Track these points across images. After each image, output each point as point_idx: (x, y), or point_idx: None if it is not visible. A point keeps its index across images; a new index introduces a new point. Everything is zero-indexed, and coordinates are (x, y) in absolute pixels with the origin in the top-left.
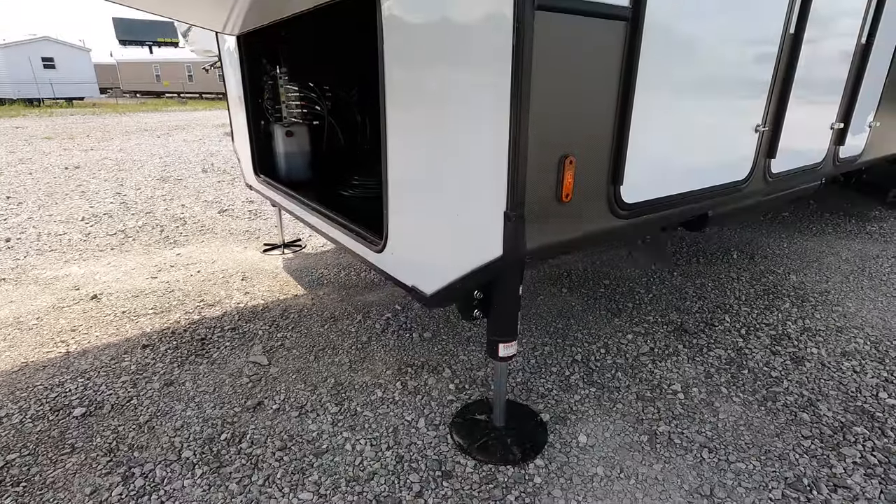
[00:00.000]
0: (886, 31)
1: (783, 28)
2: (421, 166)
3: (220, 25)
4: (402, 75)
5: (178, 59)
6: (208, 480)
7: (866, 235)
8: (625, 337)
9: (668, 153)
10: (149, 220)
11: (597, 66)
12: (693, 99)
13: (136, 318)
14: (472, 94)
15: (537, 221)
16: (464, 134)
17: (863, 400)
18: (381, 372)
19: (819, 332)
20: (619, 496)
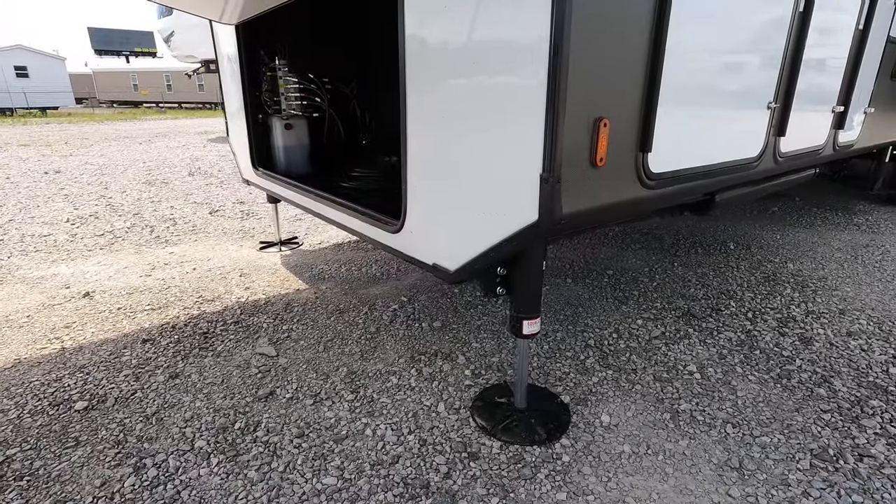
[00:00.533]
0: (879, 22)
1: (794, 5)
2: (447, 138)
3: (216, 13)
4: (425, 40)
5: (156, 69)
6: (226, 469)
7: (854, 227)
8: (634, 322)
9: (690, 124)
10: (137, 220)
11: (630, 25)
12: (714, 70)
13: (132, 314)
14: (507, 52)
15: (572, 186)
16: (496, 96)
17: (874, 376)
18: (393, 360)
19: (823, 315)
20: (648, 471)
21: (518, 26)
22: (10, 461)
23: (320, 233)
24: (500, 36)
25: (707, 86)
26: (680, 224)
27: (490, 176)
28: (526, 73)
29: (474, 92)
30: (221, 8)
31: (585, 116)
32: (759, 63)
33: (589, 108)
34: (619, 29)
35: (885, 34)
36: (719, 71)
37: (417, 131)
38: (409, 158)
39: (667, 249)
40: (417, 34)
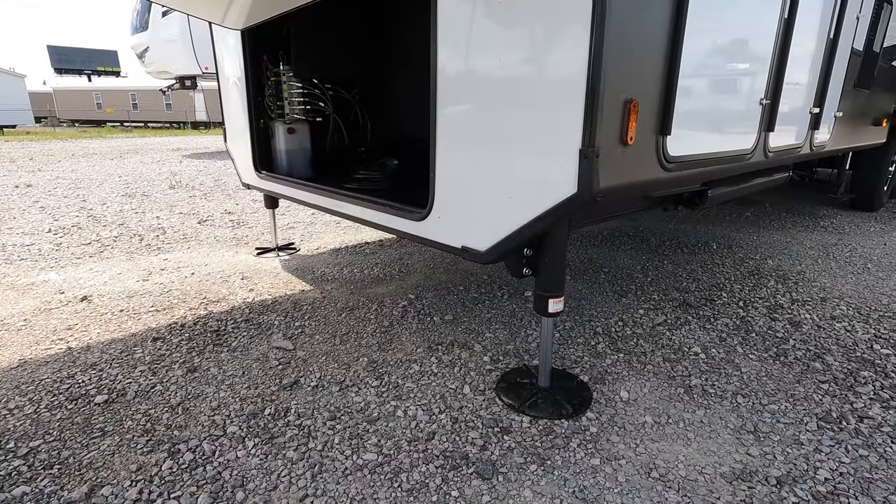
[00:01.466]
0: (846, 33)
1: (780, 11)
2: (483, 123)
3: (219, 17)
4: (458, 25)
5: (121, 87)
6: (263, 451)
7: (822, 229)
8: (636, 312)
9: (699, 114)
10: (124, 230)
11: (653, 13)
12: (718, 67)
13: (136, 315)
14: (549, 31)
15: (607, 161)
16: (537, 75)
17: (861, 351)
18: (412, 350)
19: (807, 302)
20: (671, 438)
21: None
22: (36, 452)
23: (316, 239)
24: (545, 27)
25: (713, 80)
26: (664, 227)
27: (528, 155)
28: (566, 52)
29: (515, 77)
30: (224, 11)
31: (619, 97)
32: (753, 62)
33: (621, 89)
34: (645, 14)
35: (850, 45)
36: (722, 67)
37: (449, 120)
38: (439, 147)
39: (654, 249)
40: (449, 28)
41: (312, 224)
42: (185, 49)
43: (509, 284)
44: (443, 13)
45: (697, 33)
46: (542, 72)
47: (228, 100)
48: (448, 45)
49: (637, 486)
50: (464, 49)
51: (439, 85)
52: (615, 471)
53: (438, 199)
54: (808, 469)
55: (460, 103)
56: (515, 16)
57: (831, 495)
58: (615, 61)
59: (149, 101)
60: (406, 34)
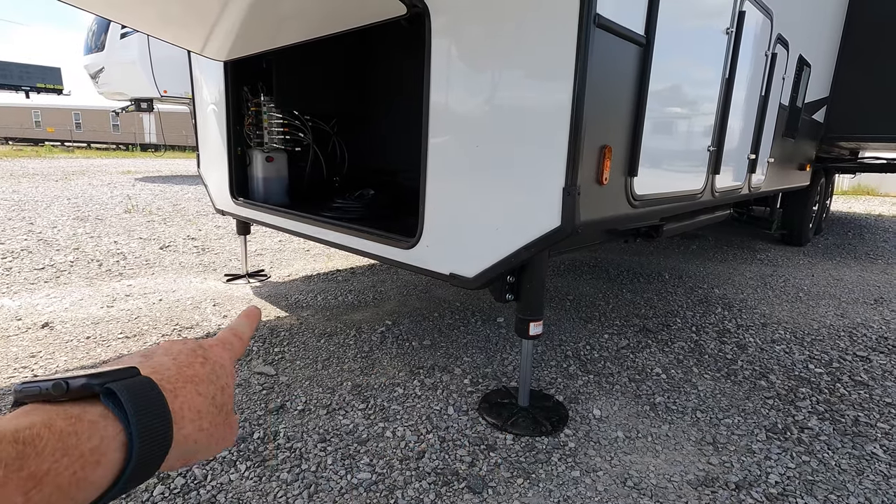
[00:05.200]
0: (775, 90)
1: (722, 71)
2: (472, 158)
3: (198, 46)
4: (453, 72)
5: (64, 106)
6: (256, 473)
7: (759, 261)
8: (602, 336)
9: (659, 159)
10: (80, 255)
11: (623, 74)
12: (674, 118)
13: (105, 342)
14: (538, 84)
15: (586, 199)
16: (526, 122)
17: (798, 370)
18: (394, 374)
19: (750, 328)
20: (642, 451)
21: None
22: None
23: (286, 266)
24: (535, 81)
25: (670, 130)
26: (620, 258)
27: (515, 191)
28: (555, 107)
29: (505, 121)
30: (203, 41)
31: (596, 143)
32: (702, 114)
33: (598, 136)
34: (617, 75)
35: (778, 100)
36: (677, 119)
37: (440, 157)
38: (429, 180)
39: (613, 279)
40: (442, 78)
41: (281, 251)
42: (144, 72)
43: (482, 311)
44: (436, 58)
45: (658, 89)
46: (531, 119)
47: (205, 126)
48: (441, 88)
49: (615, 494)
50: (456, 92)
51: (431, 122)
52: (594, 482)
53: (427, 228)
54: (761, 474)
55: (451, 142)
56: (505, 68)
57: (781, 496)
58: (593, 112)
59: (94, 121)
60: (385, 71)
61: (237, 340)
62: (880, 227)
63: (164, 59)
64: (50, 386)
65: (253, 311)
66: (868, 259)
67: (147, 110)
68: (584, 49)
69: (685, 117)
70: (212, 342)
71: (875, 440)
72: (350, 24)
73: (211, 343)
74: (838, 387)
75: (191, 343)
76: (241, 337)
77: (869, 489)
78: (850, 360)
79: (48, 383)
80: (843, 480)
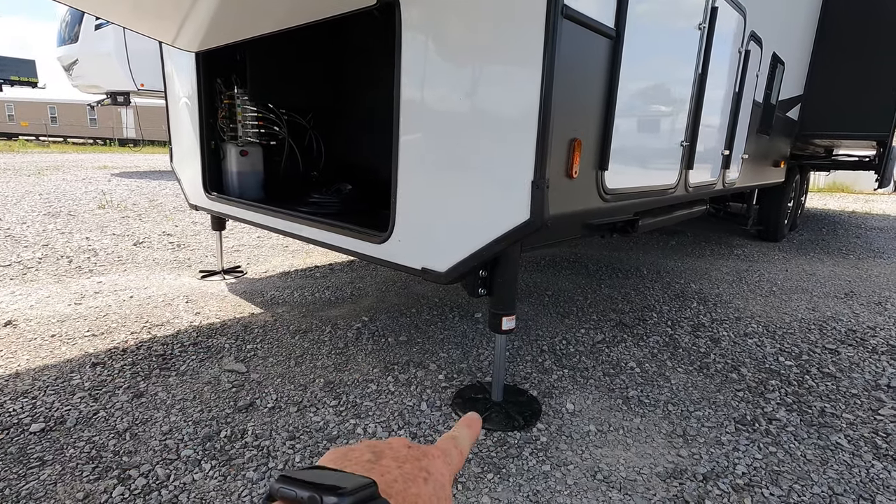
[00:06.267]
0: (748, 87)
1: (695, 67)
2: (442, 152)
3: (170, 37)
4: (423, 66)
5: (39, 100)
6: (221, 472)
7: (735, 257)
8: (578, 331)
9: (631, 153)
10: (49, 252)
11: (592, 67)
12: (649, 110)
13: (70, 340)
14: (506, 78)
15: (555, 192)
16: (495, 115)
17: (769, 363)
18: (368, 370)
19: (724, 322)
20: (613, 444)
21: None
22: None
23: (263, 262)
24: (502, 74)
25: (642, 124)
26: (600, 254)
27: (485, 186)
28: (523, 100)
29: (475, 115)
30: (175, 32)
31: (565, 136)
32: (674, 109)
33: (567, 130)
34: (586, 67)
35: (752, 97)
36: (649, 113)
37: (411, 151)
38: (401, 175)
39: (592, 274)
40: (413, 71)
41: (259, 247)
42: (120, 64)
43: (460, 307)
44: (406, 52)
45: (629, 84)
46: (499, 112)
47: (177, 120)
48: (411, 83)
49: (584, 487)
50: (426, 85)
51: (402, 116)
52: (564, 475)
53: (399, 223)
54: (729, 465)
55: (422, 136)
56: (475, 61)
57: (748, 486)
58: (562, 105)
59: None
60: (362, 65)
61: (457, 454)
62: (853, 223)
63: (141, 51)
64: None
65: (474, 420)
66: (840, 254)
67: (124, 104)
68: (552, 41)
69: (657, 112)
70: (434, 451)
71: (840, 430)
72: (321, 14)
73: (434, 453)
74: (807, 379)
75: (415, 450)
76: (460, 450)
77: (832, 478)
78: (819, 352)
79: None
80: (808, 470)
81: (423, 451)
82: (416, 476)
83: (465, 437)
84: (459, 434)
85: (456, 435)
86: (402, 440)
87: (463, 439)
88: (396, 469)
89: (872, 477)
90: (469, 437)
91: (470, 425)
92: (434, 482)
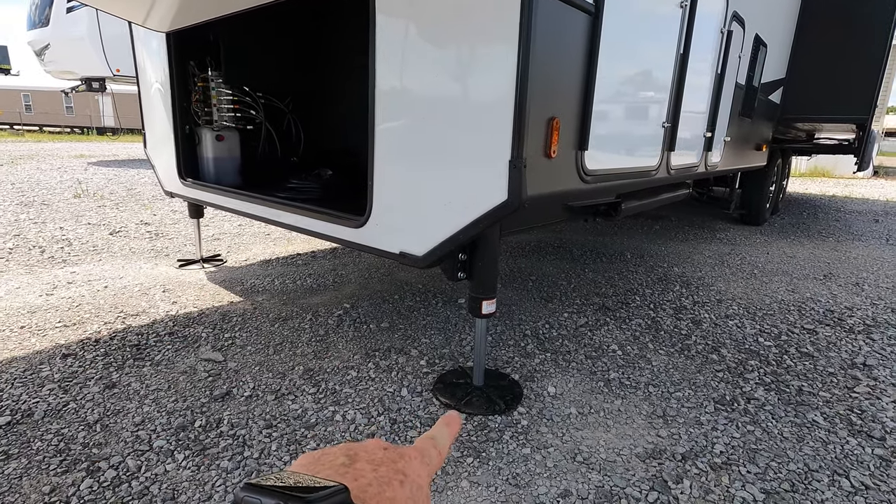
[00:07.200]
0: (731, 69)
1: (677, 47)
2: (418, 133)
3: (140, 17)
4: (398, 47)
5: (12, 87)
6: (195, 462)
7: (718, 240)
8: (561, 315)
9: (612, 134)
10: (21, 241)
11: (570, 44)
12: (629, 89)
13: (41, 331)
14: (481, 54)
15: (533, 172)
16: (470, 93)
17: (749, 344)
18: (349, 357)
19: (706, 304)
20: (593, 426)
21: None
22: None
23: (244, 250)
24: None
25: (622, 103)
26: (584, 238)
27: (462, 166)
28: (499, 77)
29: (449, 94)
30: (146, 11)
31: (543, 114)
32: (655, 89)
33: (545, 108)
34: (565, 45)
35: (734, 79)
36: (630, 93)
37: (387, 131)
38: (377, 156)
39: (577, 259)
40: (388, 49)
41: (240, 235)
42: (94, 49)
43: (443, 293)
44: (381, 32)
45: (608, 61)
46: (475, 90)
47: (150, 105)
48: (386, 61)
49: (564, 469)
50: (401, 66)
51: (378, 97)
52: (544, 458)
53: (376, 206)
54: (707, 445)
55: (398, 115)
56: (449, 39)
57: (725, 465)
58: (540, 83)
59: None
60: (342, 49)
61: (436, 454)
62: (833, 206)
63: (116, 35)
64: None
65: (454, 418)
66: (820, 237)
67: (99, 90)
68: (528, 15)
69: (638, 92)
70: (411, 452)
71: (816, 408)
72: None
73: (411, 454)
74: (785, 358)
75: (391, 452)
76: (439, 450)
77: (808, 455)
78: (797, 332)
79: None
80: (784, 448)
81: (400, 452)
82: (391, 479)
83: (444, 437)
84: (438, 434)
85: (435, 435)
86: (379, 442)
87: (442, 438)
88: (371, 472)
89: (847, 453)
90: (448, 435)
91: (449, 423)
92: (411, 484)
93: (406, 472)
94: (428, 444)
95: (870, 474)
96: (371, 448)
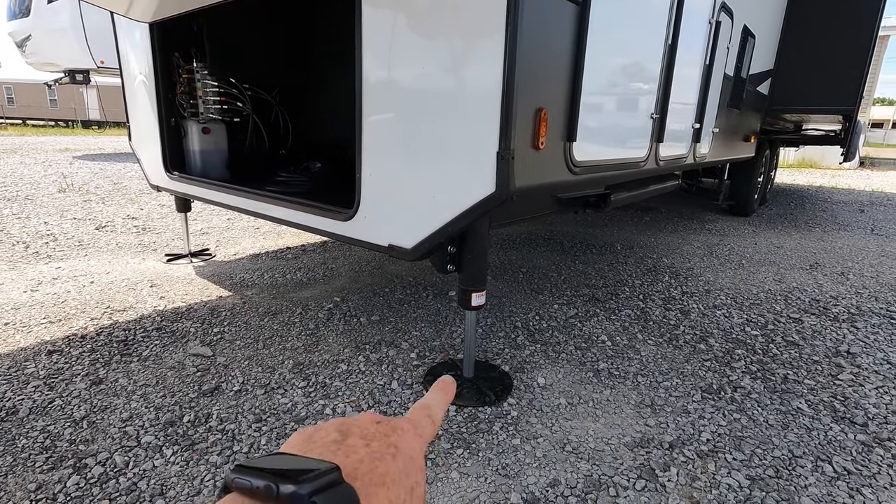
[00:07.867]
0: (719, 60)
1: (665, 37)
2: (407, 128)
3: (122, 7)
4: (384, 38)
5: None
6: (183, 457)
7: (707, 231)
8: (552, 307)
9: (600, 125)
10: (3, 237)
11: (558, 34)
12: (617, 80)
13: (25, 328)
14: (467, 45)
15: (521, 164)
16: (457, 85)
17: (736, 333)
18: (339, 350)
19: (694, 294)
20: (582, 416)
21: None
22: None
23: (233, 244)
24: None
25: (611, 94)
26: (575, 230)
27: (450, 158)
28: (486, 69)
29: (437, 85)
30: (128, 2)
31: (530, 105)
32: (644, 81)
33: (532, 98)
34: (552, 34)
35: (722, 71)
36: (618, 84)
37: (374, 123)
38: (365, 149)
39: (567, 251)
40: (374, 40)
41: (229, 229)
42: (77, 40)
43: (434, 285)
44: (367, 24)
45: (596, 52)
46: (462, 82)
47: (134, 97)
48: (373, 53)
49: (553, 459)
50: (388, 58)
51: (364, 90)
52: (534, 448)
53: (365, 199)
54: (694, 433)
55: (385, 108)
56: (436, 30)
57: (712, 452)
58: (527, 73)
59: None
60: (331, 41)
61: (429, 423)
62: (820, 197)
63: (100, 26)
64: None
65: (448, 383)
66: (807, 227)
67: (83, 83)
68: (515, 5)
69: (626, 82)
70: (403, 424)
71: (801, 396)
72: None
73: (403, 426)
74: (771, 347)
75: (384, 426)
76: (433, 418)
77: (792, 441)
78: (783, 321)
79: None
80: (770, 435)
81: (393, 425)
82: (383, 454)
83: (438, 404)
84: (432, 401)
85: (429, 403)
86: (371, 416)
87: (436, 405)
88: (364, 448)
89: (830, 439)
90: (443, 402)
91: (444, 389)
92: (403, 457)
93: (398, 446)
94: (422, 413)
95: (852, 459)
96: (363, 423)
